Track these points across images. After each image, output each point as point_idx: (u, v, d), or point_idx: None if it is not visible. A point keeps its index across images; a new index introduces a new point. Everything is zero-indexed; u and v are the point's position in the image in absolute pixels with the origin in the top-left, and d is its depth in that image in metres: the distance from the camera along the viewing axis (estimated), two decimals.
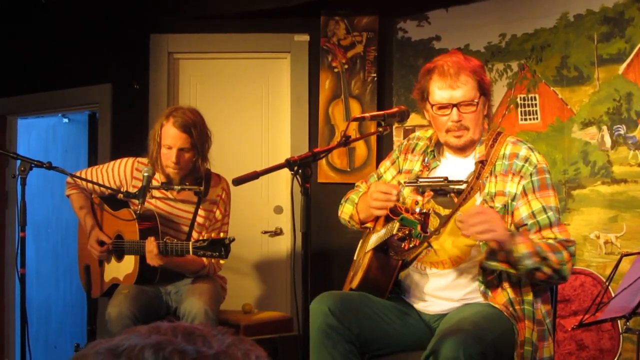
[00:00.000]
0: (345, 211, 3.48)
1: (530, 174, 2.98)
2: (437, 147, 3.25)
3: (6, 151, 4.60)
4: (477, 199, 3.03)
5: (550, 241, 2.91)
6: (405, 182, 3.20)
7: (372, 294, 3.15)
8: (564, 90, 4.61)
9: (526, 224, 2.96)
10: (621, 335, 4.14)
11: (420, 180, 3.13)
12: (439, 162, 3.22)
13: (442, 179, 3.07)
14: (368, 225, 3.40)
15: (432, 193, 3.15)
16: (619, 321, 3.97)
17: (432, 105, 3.10)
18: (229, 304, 4.46)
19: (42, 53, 6.05)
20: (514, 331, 2.94)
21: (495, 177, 3.03)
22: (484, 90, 3.07)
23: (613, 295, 3.45)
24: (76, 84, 5.92)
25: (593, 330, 4.19)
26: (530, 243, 2.84)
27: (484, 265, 2.98)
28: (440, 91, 3.06)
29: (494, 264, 2.93)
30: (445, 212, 3.09)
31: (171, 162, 4.00)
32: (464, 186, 3.05)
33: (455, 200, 3.06)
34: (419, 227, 2.80)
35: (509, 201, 2.99)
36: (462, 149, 3.14)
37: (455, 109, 3.04)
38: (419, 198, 3.17)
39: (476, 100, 3.03)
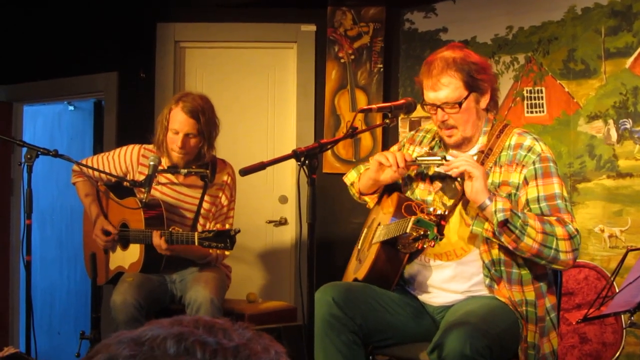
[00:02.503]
0: (350, 177, 3.53)
1: (533, 162, 2.98)
2: (442, 139, 3.27)
3: (13, 138, 4.61)
4: None
5: (545, 218, 2.90)
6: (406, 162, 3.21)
7: (378, 286, 3.16)
8: (570, 84, 4.60)
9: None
10: (624, 330, 4.14)
11: (418, 159, 3.16)
12: (445, 153, 3.23)
13: (439, 158, 3.08)
14: (366, 199, 3.41)
15: (440, 184, 3.16)
16: (622, 315, 3.97)
17: (424, 102, 3.14)
18: (233, 293, 4.47)
19: (49, 40, 6.05)
20: (519, 325, 2.95)
21: (500, 167, 3.03)
22: (475, 87, 3.05)
23: (617, 289, 3.46)
24: (82, 72, 5.93)
25: (596, 323, 4.19)
26: (509, 204, 2.86)
27: (473, 230, 2.98)
28: (426, 91, 3.09)
29: (478, 229, 2.94)
30: (452, 202, 3.10)
31: (176, 147, 4.00)
32: None
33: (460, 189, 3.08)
34: (435, 230, 2.77)
35: (513, 191, 2.99)
36: (457, 147, 3.15)
37: (439, 109, 3.06)
38: (422, 185, 3.19)
39: (461, 101, 3.02)
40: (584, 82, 4.55)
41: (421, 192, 3.23)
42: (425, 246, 2.84)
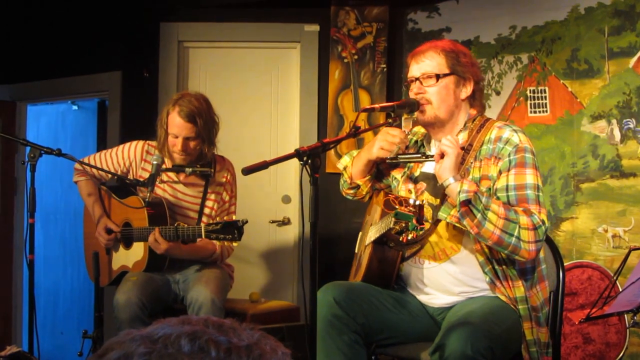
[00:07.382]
0: (342, 162, 3.50)
1: (509, 154, 2.93)
2: (426, 139, 3.28)
3: (16, 137, 4.61)
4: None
5: (511, 207, 2.86)
6: (387, 159, 3.21)
7: (377, 286, 3.16)
8: (573, 83, 4.60)
9: None
10: (628, 329, 4.14)
11: (399, 157, 3.17)
12: (429, 153, 3.22)
13: (419, 155, 3.13)
14: (358, 182, 3.37)
15: (424, 184, 3.15)
16: (625, 315, 3.97)
17: (406, 81, 3.17)
18: (236, 293, 4.47)
19: (53, 40, 6.06)
20: (520, 324, 2.94)
21: (480, 161, 2.99)
22: (457, 71, 3.07)
23: (620, 289, 3.45)
24: (86, 71, 5.94)
25: (600, 324, 4.19)
26: (476, 187, 2.82)
27: (439, 216, 2.97)
28: (410, 69, 3.14)
29: (443, 215, 2.93)
30: (438, 202, 3.09)
31: (177, 150, 4.03)
32: None
33: None
34: (414, 220, 2.77)
35: (492, 185, 2.95)
36: (430, 126, 3.13)
37: (417, 81, 3.09)
38: (411, 186, 3.19)
39: (439, 75, 3.04)
40: (588, 82, 4.54)
41: (406, 193, 3.21)
42: (409, 238, 2.83)
